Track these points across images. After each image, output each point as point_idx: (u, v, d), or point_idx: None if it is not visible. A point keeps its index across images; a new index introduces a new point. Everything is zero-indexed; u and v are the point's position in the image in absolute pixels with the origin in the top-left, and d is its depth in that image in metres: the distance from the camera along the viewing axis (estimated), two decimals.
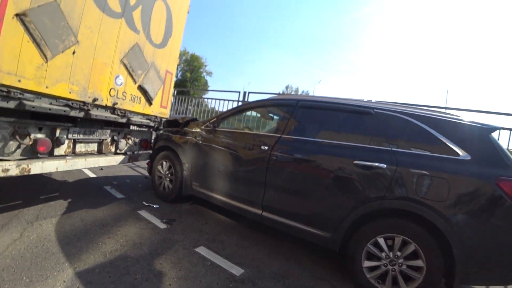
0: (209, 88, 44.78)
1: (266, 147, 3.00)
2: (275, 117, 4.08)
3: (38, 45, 2.50)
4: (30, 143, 2.72)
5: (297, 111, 3.12)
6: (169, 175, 4.01)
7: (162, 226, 3.15)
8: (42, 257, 2.21)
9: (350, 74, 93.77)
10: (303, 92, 52.52)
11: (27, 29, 2.38)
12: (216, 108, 7.75)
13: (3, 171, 2.42)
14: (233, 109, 4.01)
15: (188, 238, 2.94)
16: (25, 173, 2.60)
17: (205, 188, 3.57)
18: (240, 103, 7.30)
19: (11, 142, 2.57)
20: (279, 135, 3.03)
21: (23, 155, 2.70)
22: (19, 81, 2.41)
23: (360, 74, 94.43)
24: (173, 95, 9.12)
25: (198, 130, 3.80)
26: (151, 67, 4.00)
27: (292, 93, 49.59)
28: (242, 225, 3.54)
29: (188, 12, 4.67)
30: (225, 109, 7.56)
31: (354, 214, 2.41)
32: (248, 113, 5.05)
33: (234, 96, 7.86)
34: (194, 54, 45.49)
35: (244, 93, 7.33)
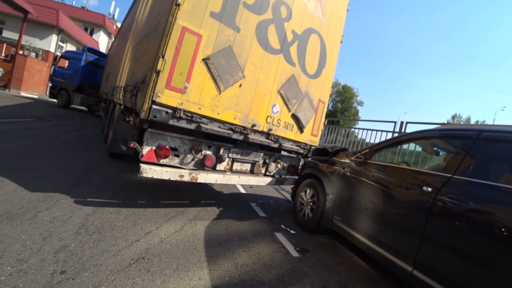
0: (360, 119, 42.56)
1: (429, 189, 2.38)
2: (442, 152, 3.23)
3: (215, 81, 3.15)
4: (201, 157, 3.44)
5: (478, 146, 2.32)
6: (311, 203, 3.95)
7: (295, 254, 3.08)
8: (190, 251, 2.65)
9: None
10: (477, 122, 40.28)
11: (208, 69, 3.07)
12: (367, 140, 7.12)
13: (180, 176, 3.16)
14: (388, 140, 3.52)
15: (318, 274, 2.71)
16: (193, 181, 3.28)
17: (346, 224, 3.25)
18: (395, 135, 6.36)
19: (189, 155, 3.34)
20: (449, 175, 2.34)
21: (194, 167, 3.44)
22: (200, 108, 3.11)
23: None
24: (324, 124, 9.19)
25: (347, 160, 3.59)
26: (305, 96, 4.19)
27: (461, 123, 39.11)
28: (383, 278, 2.92)
29: (341, 42, 4.64)
30: (377, 141, 6.80)
31: None
32: (405, 146, 4.29)
33: (388, 127, 6.95)
34: (346, 85, 45.12)
35: (401, 123, 6.34)
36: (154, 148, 3.06)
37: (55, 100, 15.82)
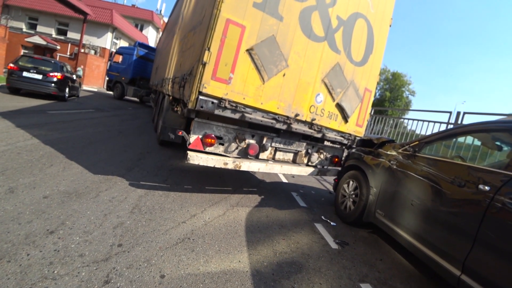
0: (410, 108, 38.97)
1: (487, 188, 2.16)
2: (506, 147, 2.89)
3: (258, 71, 3.19)
4: (244, 146, 3.53)
5: None
6: (354, 196, 3.85)
7: (334, 246, 3.05)
8: (232, 235, 2.77)
9: None
10: None
11: (252, 59, 3.11)
12: (418, 131, 6.58)
13: (224, 164, 3.30)
14: (442, 132, 3.27)
15: (356, 268, 2.66)
16: (237, 168, 3.40)
17: (389, 219, 3.12)
18: (450, 127, 5.79)
19: (233, 144, 3.45)
20: None
21: (238, 155, 3.55)
22: (244, 98, 3.18)
23: None
24: (370, 114, 8.70)
25: (394, 153, 3.41)
26: (350, 85, 4.03)
27: None
28: (427, 279, 2.77)
29: (390, 26, 4.34)
30: (428, 133, 6.25)
31: None
32: (462, 139, 3.91)
33: (443, 118, 6.29)
34: (396, 72, 41.09)
35: (458, 113, 5.71)
36: (200, 136, 3.22)
37: (111, 93, 17.34)
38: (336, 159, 4.50)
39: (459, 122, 5.73)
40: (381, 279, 2.58)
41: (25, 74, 9.19)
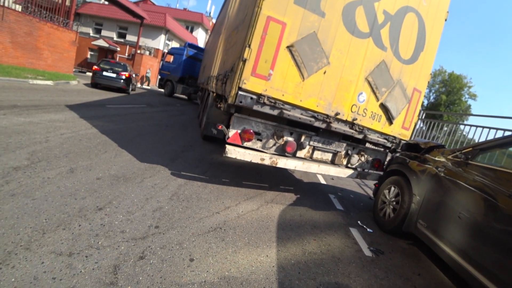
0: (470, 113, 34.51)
1: None
2: None
3: (298, 68, 3.17)
4: (282, 143, 3.53)
5: None
6: (394, 203, 3.61)
7: (368, 253, 2.90)
8: (262, 230, 2.80)
9: None
10: None
11: (292, 56, 3.10)
12: (477, 140, 5.81)
13: (261, 159, 3.34)
14: (503, 138, 2.92)
15: (390, 280, 2.50)
16: (273, 165, 3.42)
17: (432, 231, 2.86)
18: None
19: (271, 140, 3.48)
20: None
21: (275, 151, 3.56)
22: (283, 95, 3.19)
23: None
24: (420, 118, 7.97)
25: (442, 159, 3.13)
26: (397, 84, 3.79)
27: None
28: None
29: (446, 20, 3.95)
30: None
31: None
32: None
33: (508, 125, 5.47)
34: (454, 73, 36.85)
35: None
36: (239, 131, 3.31)
37: (162, 90, 18.58)
38: (378, 163, 4.26)
39: None
40: None
41: (104, 73, 12.60)
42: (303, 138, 3.61)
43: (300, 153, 3.71)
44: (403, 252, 3.16)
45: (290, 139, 3.58)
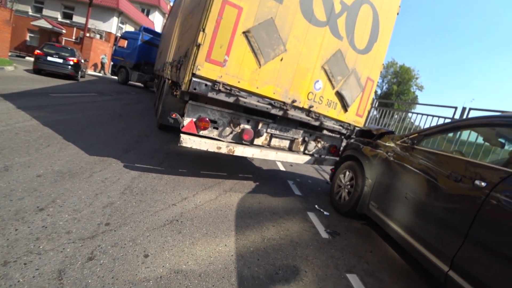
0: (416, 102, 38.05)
1: (483, 183, 2.07)
2: (509, 143, 2.79)
3: (255, 54, 3.10)
4: (239, 131, 3.48)
5: None
6: (349, 186, 3.79)
7: (324, 235, 3.02)
8: (221, 220, 2.76)
9: None
10: None
11: (249, 42, 3.03)
12: (422, 126, 6.39)
13: (217, 148, 3.27)
14: (442, 124, 3.17)
15: (345, 259, 2.63)
16: (230, 153, 3.37)
17: (382, 212, 3.06)
18: None
19: (227, 128, 3.41)
20: None
21: (232, 140, 3.50)
22: (239, 82, 3.11)
23: None
24: (374, 106, 8.51)
25: (392, 144, 3.32)
26: (352, 73, 3.92)
27: None
28: (415, 274, 2.73)
29: (398, 14, 4.17)
30: None
31: None
32: (465, 135, 3.76)
33: (448, 113, 6.02)
34: (404, 66, 40.18)
35: (463, 109, 5.46)
36: (194, 119, 3.18)
37: (116, 77, 17.30)
38: (334, 149, 4.43)
39: (464, 117, 5.55)
40: (368, 271, 2.54)
41: (49, 58, 11.53)
42: (260, 125, 3.60)
43: (258, 141, 3.70)
44: (357, 232, 3.35)
45: (247, 126, 3.55)
